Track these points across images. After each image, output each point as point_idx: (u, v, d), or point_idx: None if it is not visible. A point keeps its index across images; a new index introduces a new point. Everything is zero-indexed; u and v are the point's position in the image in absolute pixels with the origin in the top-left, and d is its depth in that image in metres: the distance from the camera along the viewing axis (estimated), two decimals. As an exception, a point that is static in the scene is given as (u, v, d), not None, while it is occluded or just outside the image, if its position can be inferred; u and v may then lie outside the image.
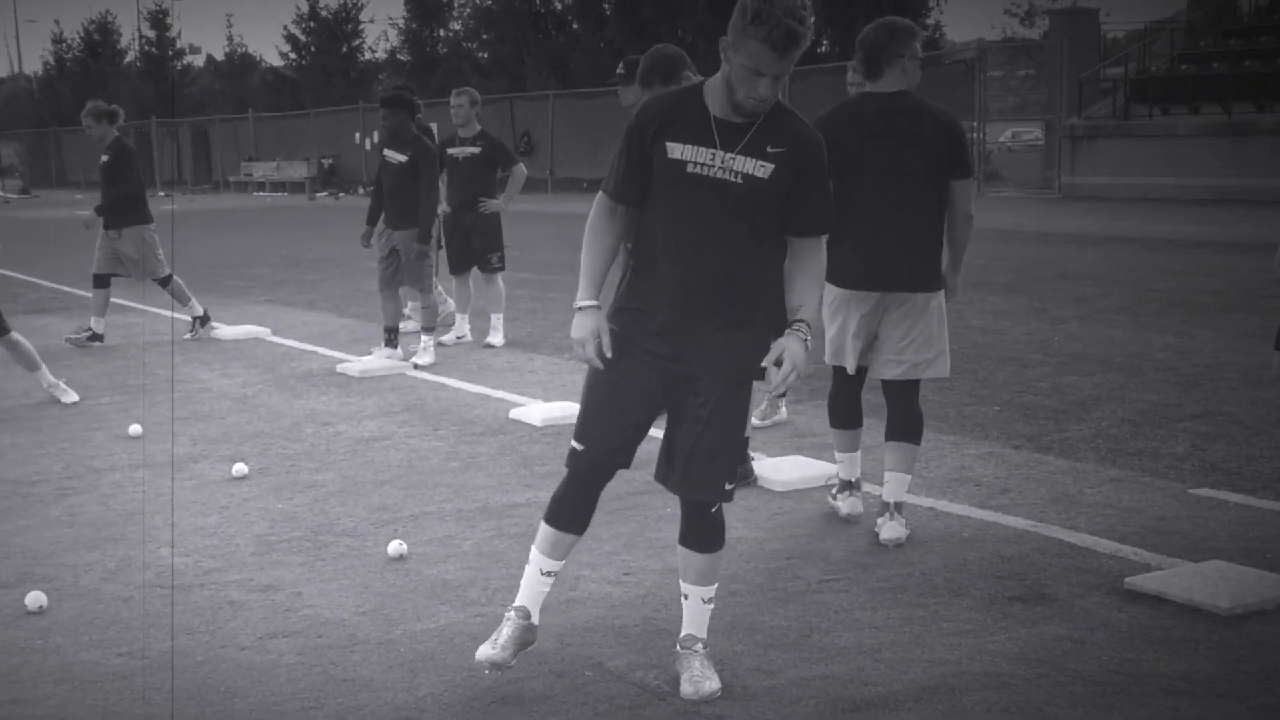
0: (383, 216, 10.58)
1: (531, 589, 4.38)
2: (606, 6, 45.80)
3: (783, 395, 8.08)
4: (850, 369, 5.96)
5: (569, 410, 8.28)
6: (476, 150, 11.26)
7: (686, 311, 4.07)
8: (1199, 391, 8.53)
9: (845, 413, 6.15)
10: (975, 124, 35.27)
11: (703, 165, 3.99)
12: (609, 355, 4.06)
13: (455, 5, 56.72)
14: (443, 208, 11.31)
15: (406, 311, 12.05)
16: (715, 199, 4.01)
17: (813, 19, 3.87)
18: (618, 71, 8.53)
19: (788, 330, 4.11)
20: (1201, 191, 26.79)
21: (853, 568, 5.40)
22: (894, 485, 5.80)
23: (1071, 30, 35.26)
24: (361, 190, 45.82)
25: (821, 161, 4.10)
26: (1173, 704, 4.05)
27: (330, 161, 50.35)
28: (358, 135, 49.46)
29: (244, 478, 7.07)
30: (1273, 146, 26.01)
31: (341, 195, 44.70)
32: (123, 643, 4.82)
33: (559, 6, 49.22)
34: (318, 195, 45.44)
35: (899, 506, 5.76)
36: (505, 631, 4.31)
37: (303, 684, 4.42)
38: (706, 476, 4.22)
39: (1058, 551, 5.50)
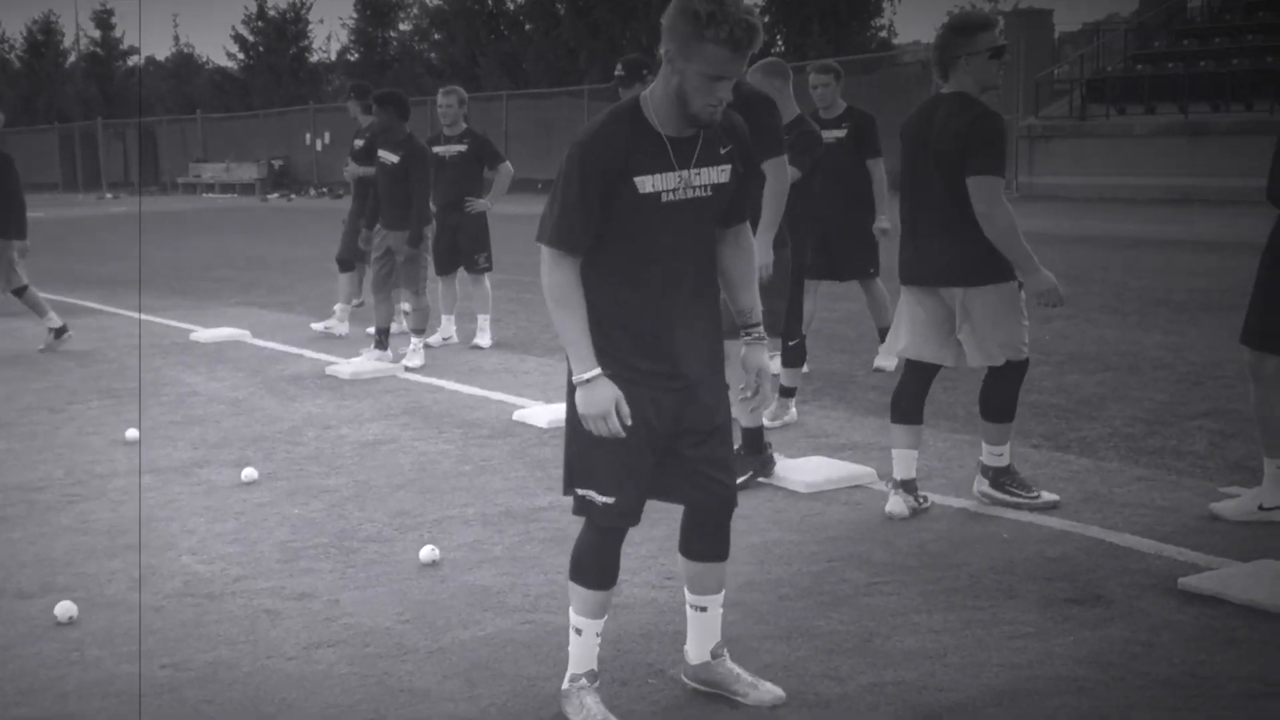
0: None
1: (587, 655, 4.11)
2: (560, 7, 45.66)
3: (791, 393, 8.01)
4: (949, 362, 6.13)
5: (575, 412, 8.18)
6: (463, 149, 11.13)
7: (676, 340, 3.89)
8: (1203, 390, 8.52)
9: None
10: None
11: (673, 191, 3.78)
12: (629, 422, 3.79)
13: (405, 5, 56.43)
14: (430, 208, 11.17)
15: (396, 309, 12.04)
16: (691, 219, 3.84)
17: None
18: (616, 73, 8.44)
19: (748, 340, 4.03)
20: (1158, 191, 26.98)
21: (898, 570, 5.32)
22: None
23: (1026, 31, 35.44)
24: (313, 192, 45.52)
25: (749, 144, 3.97)
26: (1258, 705, 4.00)
27: (281, 163, 49.94)
28: (308, 136, 49.14)
29: (254, 483, 6.92)
30: (1228, 146, 26.19)
31: (294, 197, 44.33)
32: (162, 654, 4.68)
33: (511, 7, 49.05)
34: (270, 197, 45.04)
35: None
36: (591, 702, 4.03)
37: (358, 695, 4.30)
38: (726, 486, 4.07)
39: (1102, 552, 5.44)
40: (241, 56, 60.07)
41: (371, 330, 11.04)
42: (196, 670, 4.53)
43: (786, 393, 8.02)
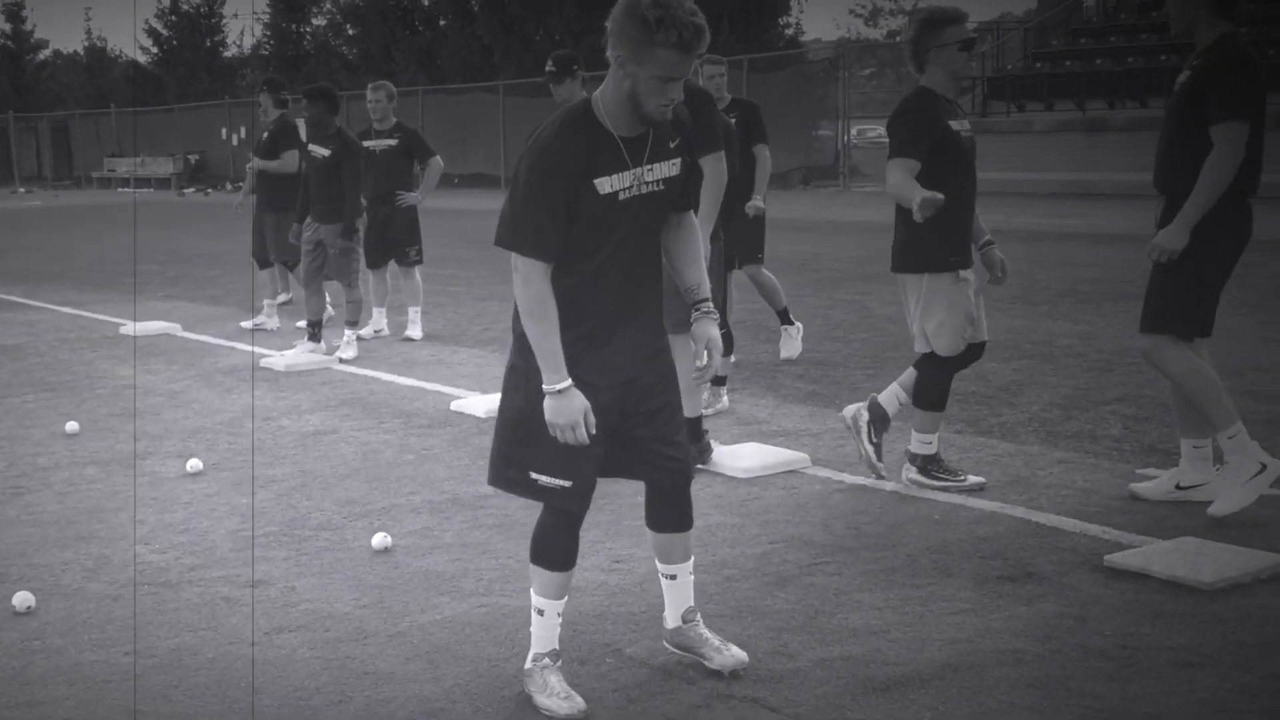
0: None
1: (549, 634, 4.17)
2: (474, 3, 45.48)
3: (722, 381, 8.11)
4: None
5: (511, 402, 8.22)
6: (393, 143, 11.12)
7: (628, 328, 3.98)
8: (1114, 376, 8.72)
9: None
10: (839, 122, 35.80)
11: (628, 189, 3.85)
12: (594, 431, 3.87)
13: (319, 0, 55.98)
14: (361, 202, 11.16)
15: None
16: (644, 213, 3.92)
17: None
18: (548, 69, 8.48)
19: (698, 314, 4.08)
20: (1057, 186, 27.41)
21: (837, 550, 5.43)
22: None
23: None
24: (230, 186, 45.03)
25: (690, 131, 4.05)
26: (1187, 675, 4.13)
27: (196, 157, 49.35)
28: (224, 130, 48.58)
29: (200, 473, 6.90)
30: (1124, 142, 26.65)
31: (210, 191, 43.82)
32: (124, 641, 4.68)
33: (426, 2, 48.79)
34: (186, 191, 44.52)
35: None
36: (554, 681, 4.09)
37: (324, 678, 4.33)
38: (680, 459, 4.17)
39: (1030, 532, 5.59)
40: (155, 50, 59.30)
41: (301, 324, 11.02)
42: (160, 657, 4.54)
43: (718, 381, 8.11)
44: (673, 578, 4.34)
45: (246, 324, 12.21)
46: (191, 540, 5.83)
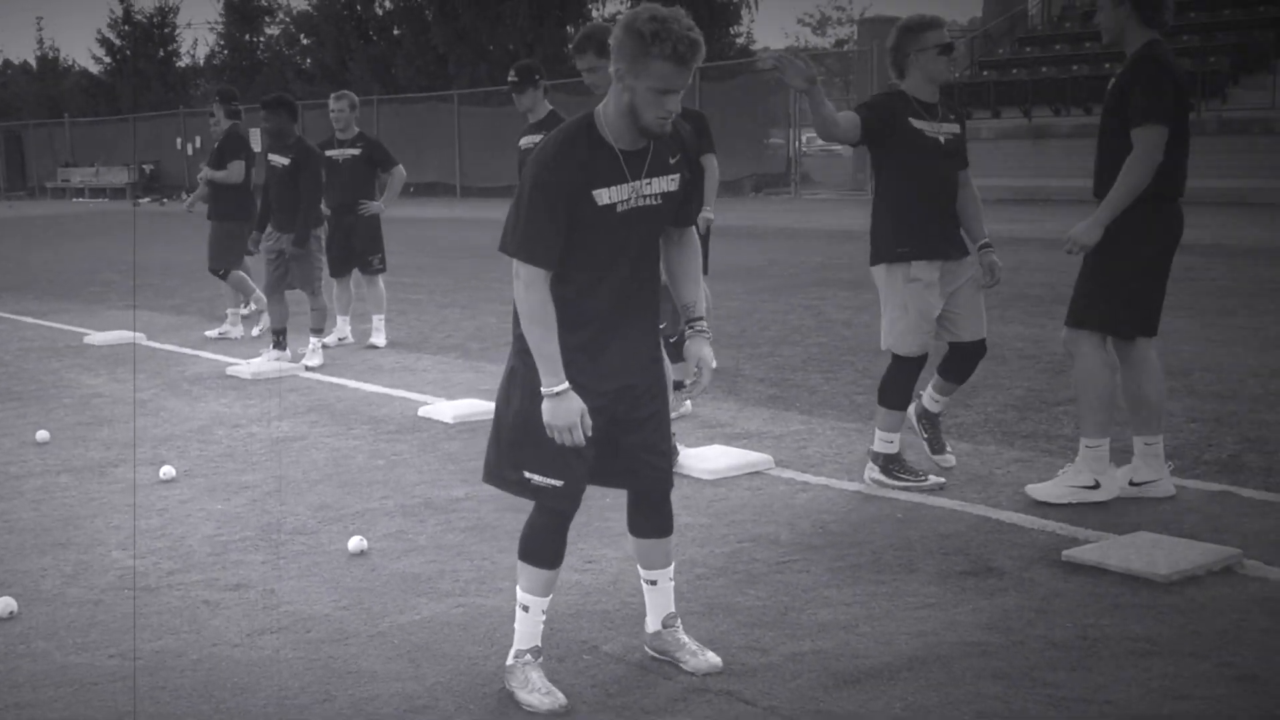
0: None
1: (533, 630, 4.24)
2: (428, 12, 45.43)
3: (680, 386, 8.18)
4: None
5: (477, 407, 8.31)
6: (356, 152, 11.17)
7: (625, 336, 4.07)
8: (1066, 378, 8.83)
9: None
10: (789, 131, 35.99)
11: (626, 202, 3.94)
12: (590, 433, 3.96)
13: (272, 10, 55.78)
14: (324, 210, 11.19)
15: (245, 310, 12.24)
16: (641, 226, 4.01)
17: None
18: (510, 79, 8.56)
19: (692, 332, 4.20)
20: (1004, 192, 27.66)
21: (804, 549, 5.53)
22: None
23: (876, 39, 36.12)
24: (185, 195, 44.79)
25: (694, 151, 4.16)
26: (1145, 664, 4.25)
27: (151, 167, 49.08)
28: (179, 140, 48.36)
29: (173, 480, 6.92)
30: (1070, 149, 26.97)
31: (166, 201, 43.58)
32: (109, 644, 4.71)
33: (380, 12, 48.69)
34: (141, 201, 44.25)
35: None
36: (536, 677, 4.16)
37: (307, 678, 4.38)
38: (663, 467, 4.28)
39: (990, 529, 5.70)
40: (108, 60, 58.90)
41: (256, 331, 11.12)
42: (145, 659, 4.58)
43: (677, 385, 8.19)
44: (653, 583, 4.42)
45: (211, 333, 12.20)
46: (169, 545, 5.86)
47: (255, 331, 12.03)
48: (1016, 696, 4.05)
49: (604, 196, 3.89)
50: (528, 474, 4.08)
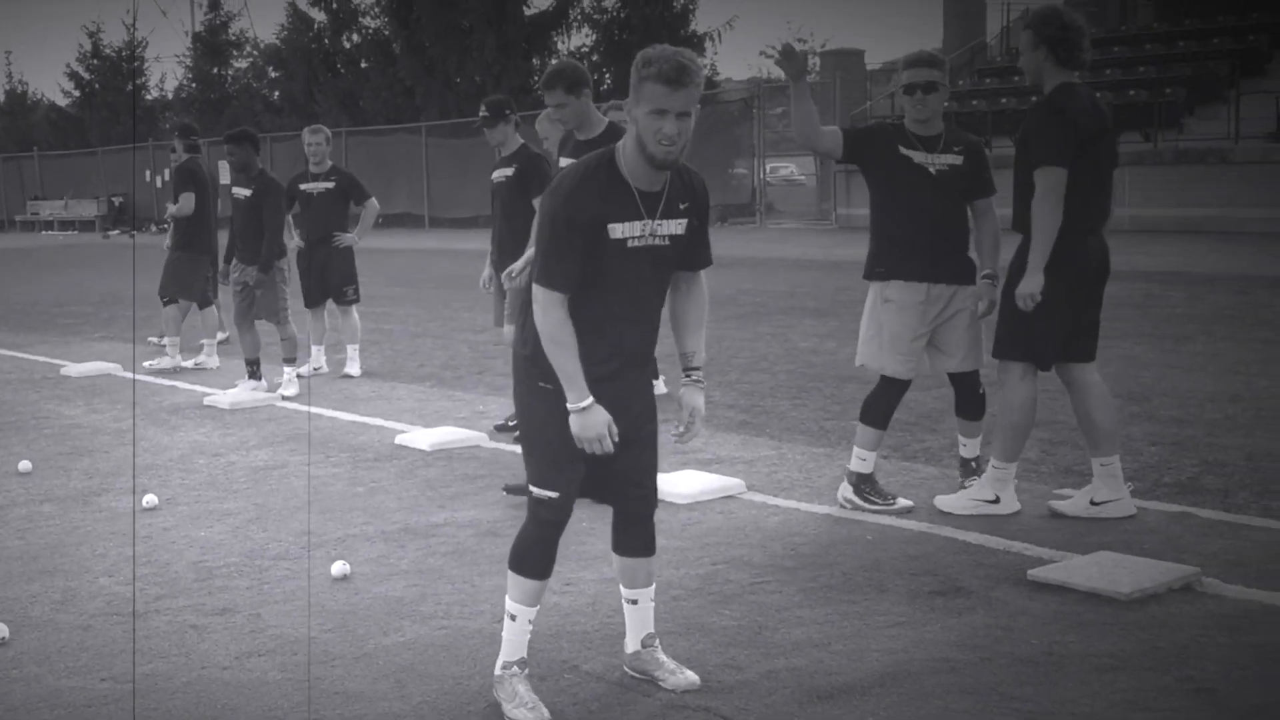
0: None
1: (520, 640, 4.35)
2: (395, 45, 45.57)
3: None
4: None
5: (454, 435, 8.41)
6: (330, 185, 11.26)
7: (625, 367, 4.24)
8: (1029, 403, 9.01)
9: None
10: (754, 161, 36.24)
11: (639, 238, 4.12)
12: (617, 439, 4.13)
13: (240, 44, 55.87)
14: (297, 243, 11.31)
15: (222, 336, 12.46)
16: (649, 264, 4.18)
17: (699, 63, 4.08)
18: (482, 114, 8.69)
19: (688, 381, 4.37)
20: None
21: (776, 570, 5.64)
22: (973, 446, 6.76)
23: (840, 70, 36.49)
24: (155, 228, 44.74)
25: (708, 204, 4.36)
26: (1109, 678, 4.38)
27: (121, 199, 49.01)
28: (148, 173, 48.31)
29: (155, 508, 6.99)
30: (1030, 179, 27.26)
31: (135, 234, 43.50)
32: (100, 668, 4.78)
33: (348, 45, 48.80)
34: (111, 233, 44.18)
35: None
36: (523, 690, 4.27)
37: (296, 699, 4.46)
38: (650, 489, 4.43)
39: (957, 550, 5.83)
40: (77, 94, 58.83)
41: (199, 360, 11.37)
42: (137, 682, 4.64)
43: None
44: (634, 602, 4.54)
45: (187, 363, 12.25)
46: (154, 572, 5.93)
47: (191, 362, 12.22)
48: (985, 711, 4.17)
49: (617, 231, 4.07)
50: (531, 486, 4.27)
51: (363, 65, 48.04)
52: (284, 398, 10.20)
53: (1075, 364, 6.29)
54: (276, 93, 51.96)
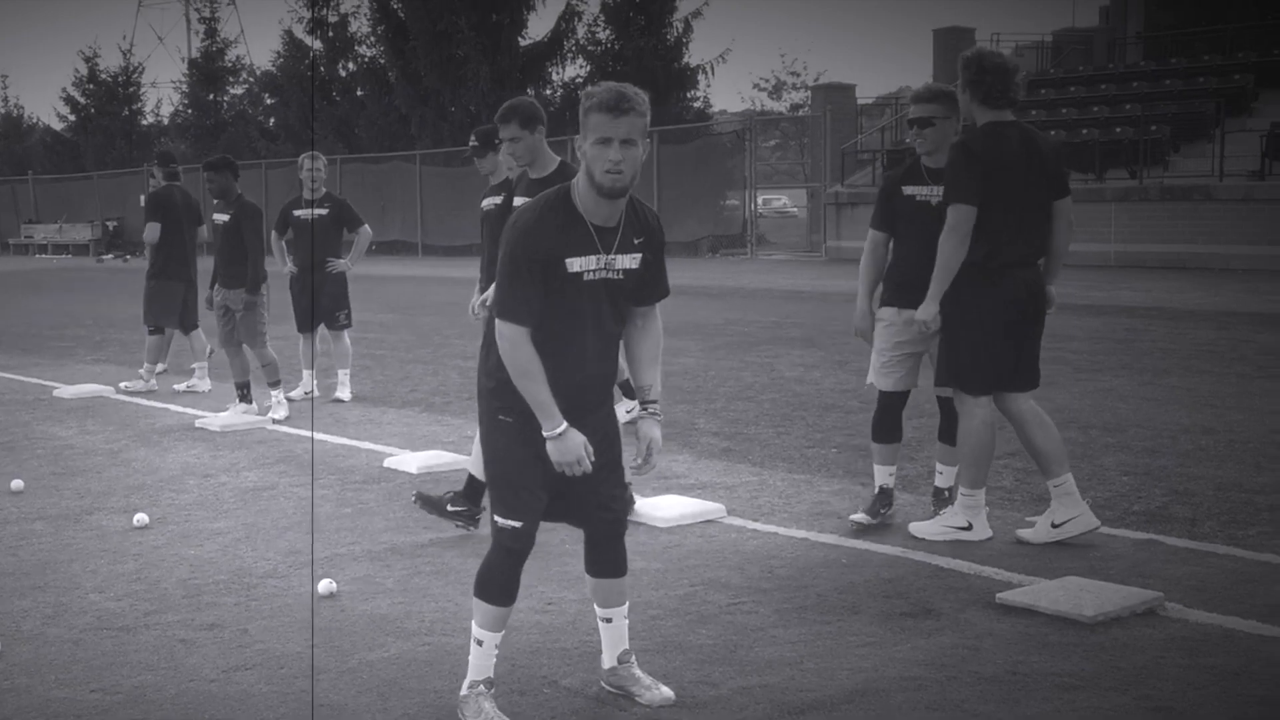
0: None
1: (486, 663, 4.48)
2: (391, 75, 45.84)
3: None
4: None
5: (442, 459, 8.54)
6: (324, 212, 11.42)
7: (582, 394, 4.37)
8: (1005, 433, 9.04)
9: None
10: (745, 192, 36.45)
11: (595, 271, 4.27)
12: (593, 459, 4.26)
13: (237, 70, 56.15)
14: (290, 268, 11.46)
15: (194, 367, 12.55)
16: (605, 297, 4.32)
17: (643, 94, 4.22)
18: (471, 144, 8.84)
19: (643, 414, 4.50)
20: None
21: (754, 592, 5.77)
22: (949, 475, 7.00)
23: (831, 105, 36.75)
24: (148, 252, 44.82)
25: (663, 239, 4.51)
26: (1070, 697, 4.51)
27: (115, 224, 49.14)
28: (142, 198, 48.37)
29: (146, 527, 7.11)
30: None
31: (129, 258, 43.60)
32: (89, 680, 4.90)
33: (344, 74, 49.06)
34: (104, 258, 44.27)
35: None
36: (489, 707, 4.39)
37: (281, 711, 4.59)
38: (619, 510, 4.58)
39: (929, 574, 5.97)
40: (72, 118, 59.03)
41: (180, 386, 11.56)
42: (125, 694, 4.77)
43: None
44: (609, 620, 4.68)
45: (179, 386, 12.38)
46: (144, 588, 6.04)
47: (183, 385, 12.39)
48: (949, 726, 4.31)
49: (574, 265, 4.21)
50: (496, 517, 4.36)
51: (358, 93, 48.29)
52: (274, 421, 10.32)
53: (1009, 394, 6.52)
54: (272, 119, 52.19)
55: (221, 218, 10.70)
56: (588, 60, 44.69)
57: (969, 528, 6.47)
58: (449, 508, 6.85)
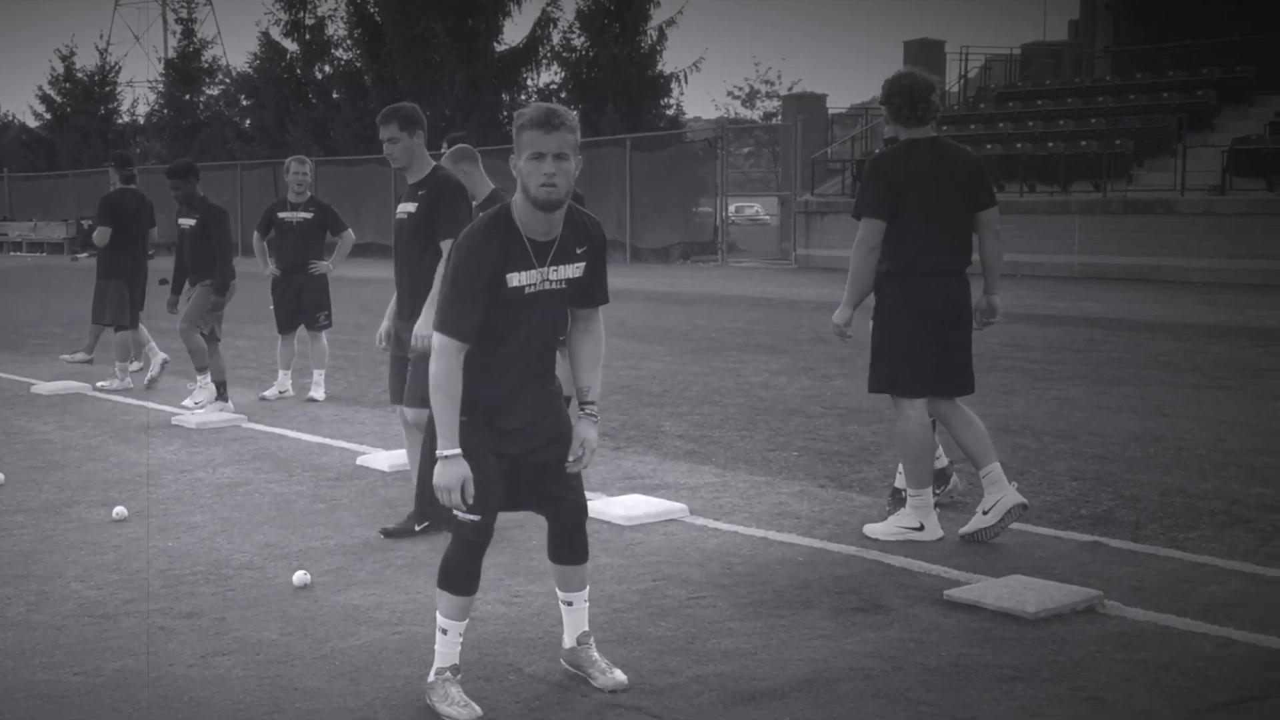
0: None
1: (451, 651, 4.67)
2: (367, 78, 45.93)
3: None
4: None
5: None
6: (309, 216, 11.60)
7: (530, 403, 4.60)
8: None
9: None
10: (717, 199, 36.69)
11: (534, 285, 4.48)
12: (470, 501, 4.44)
13: (213, 71, 56.11)
14: (271, 270, 11.63)
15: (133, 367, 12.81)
16: (547, 308, 4.55)
17: (573, 112, 4.44)
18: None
19: (581, 415, 4.70)
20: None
21: (712, 587, 5.98)
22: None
23: (802, 114, 37.05)
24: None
25: (604, 245, 4.71)
26: (1008, 687, 4.73)
27: (89, 222, 48.97)
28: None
29: (125, 520, 7.27)
30: (983, 224, 27.80)
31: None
32: (73, 664, 5.07)
33: (320, 76, 49.12)
34: (79, 256, 44.13)
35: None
36: (455, 692, 4.58)
37: (257, 694, 4.77)
38: (579, 500, 4.80)
39: (881, 572, 6.19)
40: (48, 116, 58.90)
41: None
42: (107, 677, 4.94)
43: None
44: (570, 604, 4.90)
45: (103, 382, 12.51)
46: (124, 578, 6.21)
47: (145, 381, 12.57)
48: (892, 713, 4.52)
49: (515, 279, 4.43)
50: (456, 511, 4.56)
51: (334, 96, 48.34)
52: (195, 404, 10.70)
53: (942, 400, 6.85)
54: (248, 120, 52.19)
55: (188, 222, 10.93)
56: (562, 66, 44.85)
57: (921, 528, 6.71)
58: (416, 528, 6.90)
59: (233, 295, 11.07)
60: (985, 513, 6.63)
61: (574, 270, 4.55)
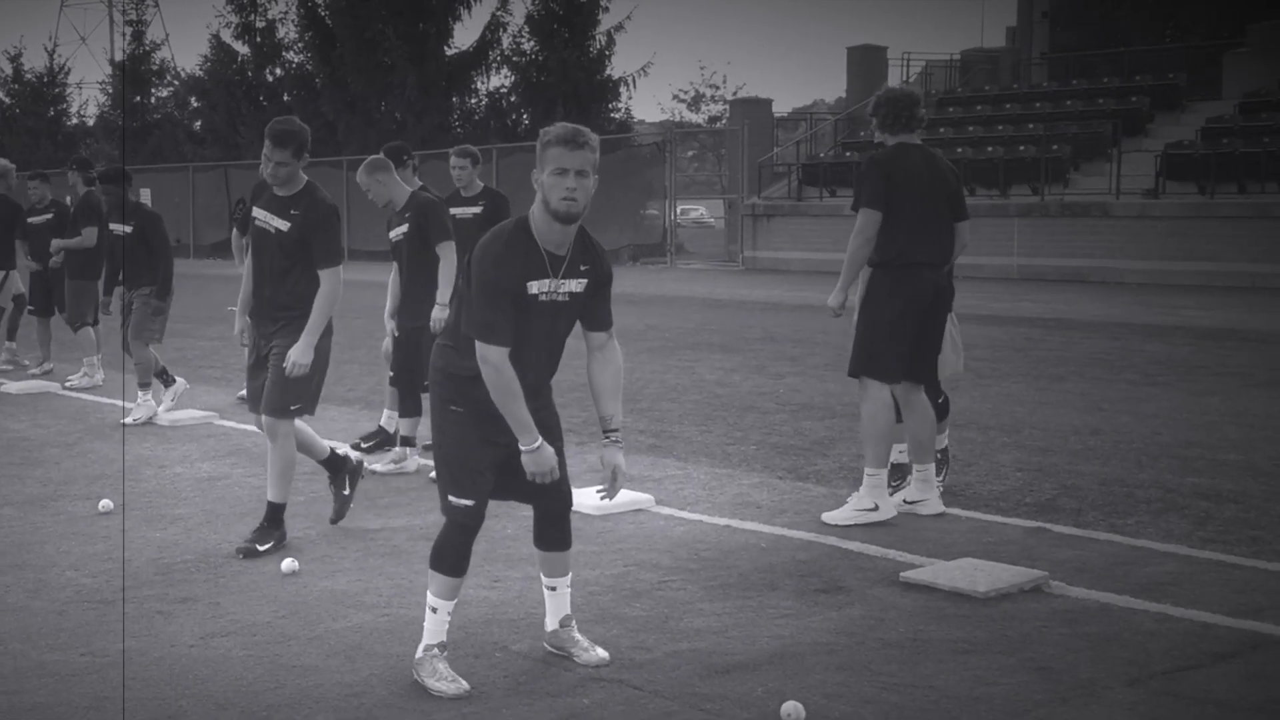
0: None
1: (439, 629, 4.92)
2: (318, 80, 45.91)
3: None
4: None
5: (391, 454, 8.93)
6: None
7: (533, 391, 4.83)
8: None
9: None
10: (665, 202, 36.99)
11: (547, 293, 4.75)
12: (559, 473, 4.81)
13: (163, 73, 55.83)
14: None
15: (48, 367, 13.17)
16: (553, 316, 4.82)
17: (595, 135, 4.70)
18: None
19: (607, 442, 4.99)
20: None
21: (682, 571, 6.26)
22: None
23: (748, 118, 37.43)
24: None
25: (610, 275, 4.97)
26: (963, 659, 5.05)
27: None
28: (67, 198, 48.03)
29: (111, 513, 7.46)
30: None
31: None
32: (78, 645, 5.29)
33: (271, 79, 49.02)
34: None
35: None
36: (443, 668, 4.83)
37: (259, 670, 5.00)
38: (564, 490, 5.07)
39: (840, 556, 6.49)
40: (-4, 119, 58.38)
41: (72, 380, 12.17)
42: (112, 657, 5.16)
43: (406, 441, 8.87)
44: (554, 589, 5.18)
45: (73, 379, 12.73)
46: (117, 567, 6.41)
47: (66, 381, 12.72)
48: (856, 682, 4.82)
49: (533, 287, 4.71)
50: (449, 496, 4.84)
51: (285, 98, 48.24)
52: (133, 421, 10.40)
53: (911, 385, 7.25)
54: (199, 123, 51.98)
55: (123, 228, 10.75)
56: (512, 70, 44.99)
57: (875, 508, 7.05)
58: (260, 548, 6.64)
59: (172, 298, 11.09)
60: (909, 503, 7.23)
61: (577, 285, 4.80)
